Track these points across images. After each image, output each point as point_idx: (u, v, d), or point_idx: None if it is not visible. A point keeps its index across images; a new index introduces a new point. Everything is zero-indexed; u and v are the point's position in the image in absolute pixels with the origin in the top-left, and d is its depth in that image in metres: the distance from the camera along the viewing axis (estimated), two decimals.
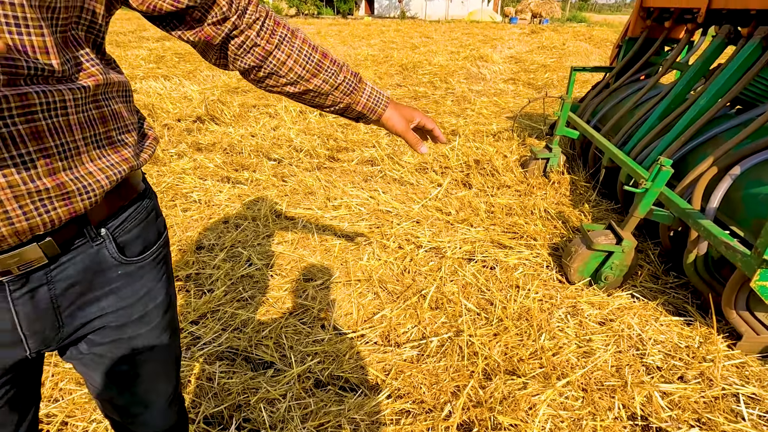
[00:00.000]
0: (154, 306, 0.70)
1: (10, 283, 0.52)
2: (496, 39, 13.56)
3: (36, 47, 0.46)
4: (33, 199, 0.48)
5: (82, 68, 0.53)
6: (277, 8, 26.68)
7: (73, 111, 0.51)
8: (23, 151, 0.47)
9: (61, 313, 0.59)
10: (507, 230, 2.49)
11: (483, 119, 4.84)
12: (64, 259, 0.56)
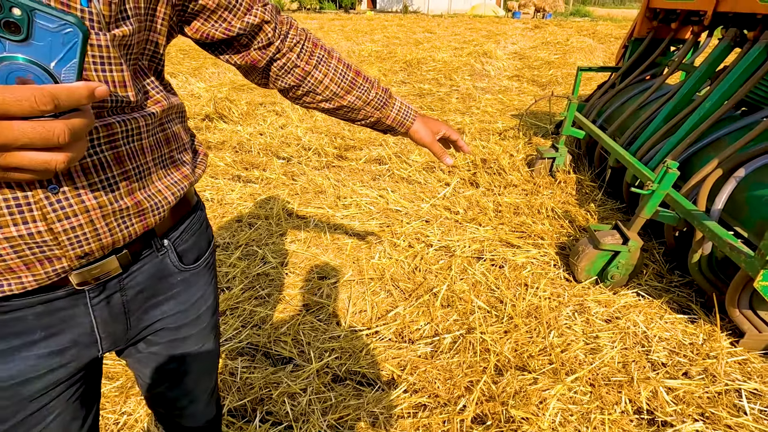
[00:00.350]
0: (206, 308, 0.76)
1: (90, 291, 0.58)
2: (500, 34, 13.53)
3: (117, 82, 0.51)
4: (116, 217, 0.54)
5: (149, 96, 0.59)
6: (280, 2, 26.57)
7: (145, 135, 0.57)
8: (109, 174, 0.52)
9: (130, 316, 0.64)
10: (515, 229, 2.54)
11: (488, 117, 4.88)
12: (134, 269, 0.62)
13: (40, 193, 0.46)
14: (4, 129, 0.34)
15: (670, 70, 2.91)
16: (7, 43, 0.33)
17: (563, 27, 16.33)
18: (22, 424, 0.60)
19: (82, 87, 0.37)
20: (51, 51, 0.35)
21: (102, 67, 0.49)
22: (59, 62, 0.36)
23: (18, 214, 0.45)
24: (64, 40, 0.35)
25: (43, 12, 0.33)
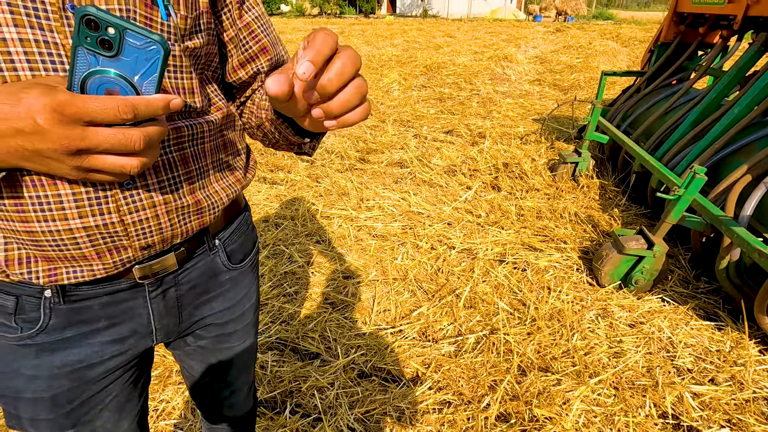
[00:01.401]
0: (250, 305, 0.82)
1: (149, 285, 0.64)
2: (520, 38, 13.45)
3: (186, 89, 0.58)
4: (178, 213, 0.60)
5: (212, 102, 0.65)
6: (301, 8, 27.01)
7: (207, 140, 0.63)
8: (175, 174, 0.59)
9: (182, 311, 0.71)
10: (537, 233, 2.55)
11: (509, 121, 4.88)
12: (188, 266, 0.68)
13: (116, 188, 0.52)
14: (90, 134, 0.40)
15: (697, 75, 2.88)
16: (100, 58, 0.39)
17: (585, 30, 16.13)
18: (85, 403, 0.66)
19: (160, 99, 0.42)
20: (136, 65, 0.40)
21: (174, 74, 0.56)
22: (142, 75, 0.41)
23: (96, 206, 0.52)
24: (148, 56, 0.40)
25: (133, 31, 0.39)
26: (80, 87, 0.40)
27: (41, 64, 0.45)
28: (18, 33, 0.44)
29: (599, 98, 3.32)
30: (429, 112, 5.22)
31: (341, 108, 0.44)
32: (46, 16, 0.45)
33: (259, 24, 0.69)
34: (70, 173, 0.43)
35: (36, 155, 0.40)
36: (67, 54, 0.46)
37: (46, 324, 0.60)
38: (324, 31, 0.41)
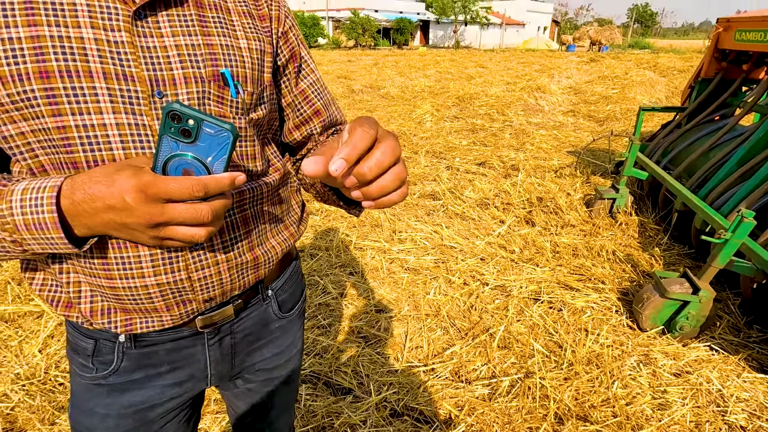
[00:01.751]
0: (296, 351, 0.87)
1: (208, 333, 0.70)
2: (553, 68, 13.46)
3: (249, 155, 0.65)
4: (238, 269, 0.66)
5: (271, 164, 0.72)
6: (337, 41, 28.19)
7: (266, 199, 0.70)
8: (236, 234, 0.65)
9: (235, 357, 0.76)
10: (573, 272, 2.50)
11: (543, 154, 4.86)
12: (243, 315, 0.74)
13: (185, 249, 0.59)
14: (168, 210, 0.46)
15: (743, 111, 2.80)
16: (180, 144, 0.46)
17: (621, 60, 15.96)
18: None
19: (227, 178, 0.48)
20: (209, 149, 0.47)
21: (239, 144, 0.63)
22: (214, 157, 0.48)
23: (168, 265, 0.59)
24: (219, 141, 0.47)
25: (208, 121, 0.45)
26: (162, 168, 0.47)
27: (131, 143, 0.53)
28: (115, 118, 0.52)
29: (637, 133, 3.27)
30: (461, 144, 5.27)
31: (379, 192, 0.45)
32: (138, 103, 0.53)
33: (314, 90, 0.76)
34: (149, 241, 0.49)
35: (123, 227, 0.47)
36: (152, 134, 0.54)
37: (118, 366, 0.66)
38: (364, 127, 0.43)
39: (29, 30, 0.48)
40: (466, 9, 29.99)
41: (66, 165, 0.53)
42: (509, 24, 35.66)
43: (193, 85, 0.56)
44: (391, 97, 8.40)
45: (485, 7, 30.58)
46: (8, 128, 0.51)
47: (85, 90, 0.50)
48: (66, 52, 0.49)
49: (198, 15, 0.57)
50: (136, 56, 0.52)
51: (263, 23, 0.66)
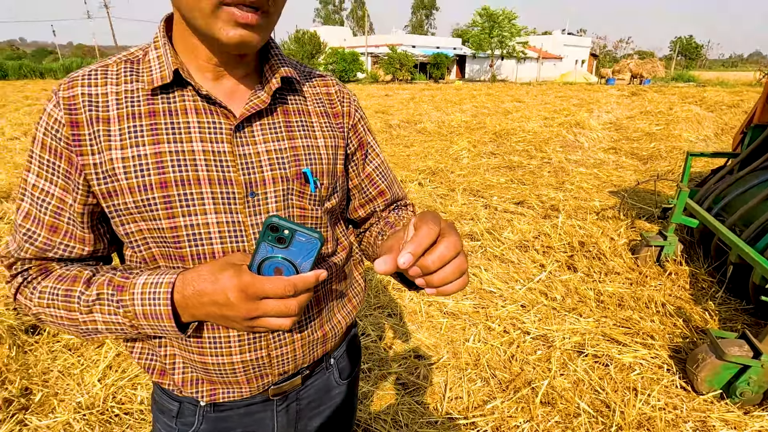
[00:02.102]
0: (351, 414, 0.91)
1: (278, 400, 0.75)
2: (593, 102, 13.32)
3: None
4: (309, 345, 0.73)
5: (339, 242, 0.78)
6: (375, 75, 29.21)
7: (334, 278, 0.76)
8: (310, 314, 0.72)
9: (298, 422, 0.81)
10: (620, 324, 2.41)
11: (584, 194, 4.77)
12: (308, 383, 0.79)
13: (268, 332, 0.66)
14: (262, 306, 0.53)
15: None
16: (275, 248, 0.53)
17: (664, 94, 15.59)
18: None
19: (312, 276, 0.54)
20: (299, 253, 0.54)
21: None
22: (302, 258, 0.54)
23: (252, 344, 0.66)
24: (309, 246, 0.53)
25: (301, 231, 0.52)
26: (258, 267, 0.54)
27: (228, 238, 0.62)
28: (216, 218, 0.61)
29: (685, 180, 3.18)
30: (499, 181, 5.27)
31: (441, 282, 0.49)
32: (234, 202, 0.61)
33: (379, 172, 0.83)
34: (242, 328, 0.56)
35: (223, 318, 0.55)
36: (245, 229, 0.62)
37: (198, 428, 0.72)
38: (429, 224, 0.48)
39: (154, 147, 0.58)
40: (502, 44, 30.46)
41: (174, 257, 0.61)
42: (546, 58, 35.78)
43: (280, 184, 0.64)
44: (428, 132, 8.56)
45: (522, 42, 30.93)
46: (130, 226, 0.61)
47: (194, 195, 0.59)
48: (180, 164, 0.59)
49: (284, 121, 0.66)
50: (234, 163, 0.61)
51: (337, 120, 0.74)
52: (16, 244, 0.63)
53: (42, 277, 0.62)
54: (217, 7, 0.52)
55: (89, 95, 0.58)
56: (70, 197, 0.60)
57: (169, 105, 0.60)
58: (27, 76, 34.32)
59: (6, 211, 4.04)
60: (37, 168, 0.60)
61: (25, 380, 1.97)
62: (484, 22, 30.35)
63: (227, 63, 0.62)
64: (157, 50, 0.61)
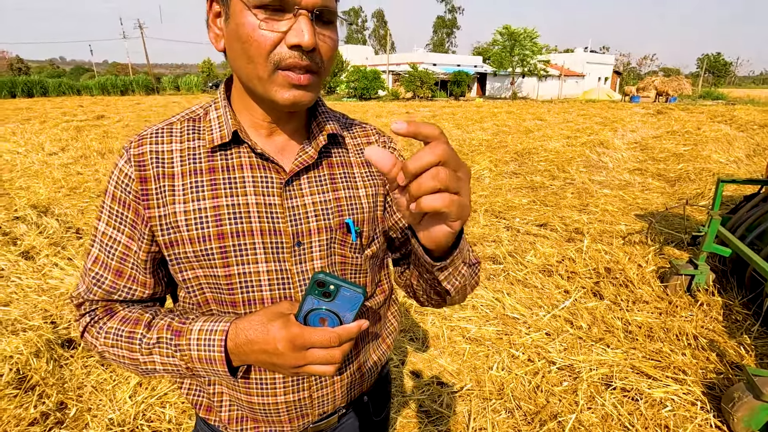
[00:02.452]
0: None
1: None
2: (616, 121, 13.14)
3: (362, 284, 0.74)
4: (348, 386, 0.76)
5: (379, 285, 0.81)
6: (396, 92, 29.60)
7: (372, 321, 0.78)
8: (349, 357, 0.75)
9: None
10: (649, 356, 2.35)
11: (609, 217, 4.69)
12: (343, 421, 0.81)
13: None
14: (308, 356, 0.56)
15: None
16: (321, 301, 0.55)
17: (692, 112, 15.26)
18: None
19: (355, 327, 0.57)
20: (343, 305, 0.56)
21: (356, 277, 0.73)
22: (346, 310, 0.57)
23: (296, 386, 0.69)
24: (352, 299, 0.56)
25: (346, 287, 0.55)
26: (304, 318, 0.57)
27: (276, 285, 0.66)
28: (266, 266, 0.65)
29: (716, 207, 3.10)
30: (521, 203, 5.23)
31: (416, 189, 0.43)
32: (282, 252, 0.66)
33: None
34: (288, 374, 0.60)
35: (271, 365, 0.58)
36: (291, 277, 0.66)
37: None
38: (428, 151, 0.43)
39: (213, 201, 0.63)
40: (524, 62, 30.51)
41: (226, 302, 0.66)
42: (568, 75, 35.60)
43: (324, 234, 0.68)
44: None
45: (543, 60, 30.91)
46: (188, 273, 0.66)
47: (247, 245, 0.64)
48: (236, 217, 0.63)
49: (329, 174, 0.71)
50: (283, 215, 0.66)
51: None
52: (85, 285, 0.68)
53: (107, 318, 0.68)
54: (273, 72, 0.57)
55: (156, 152, 0.64)
56: (134, 245, 0.66)
57: (227, 161, 0.65)
58: (65, 93, 36.12)
59: (46, 225, 4.24)
60: (107, 217, 0.66)
61: (61, 394, 2.04)
62: (505, 41, 30.53)
63: (279, 120, 0.67)
64: (217, 110, 0.67)
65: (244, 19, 0.56)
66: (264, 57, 0.56)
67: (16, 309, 2.75)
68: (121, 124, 12.69)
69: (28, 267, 3.35)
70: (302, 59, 0.57)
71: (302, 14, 0.55)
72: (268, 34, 0.55)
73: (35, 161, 7.24)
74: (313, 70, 0.59)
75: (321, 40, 0.59)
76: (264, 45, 0.56)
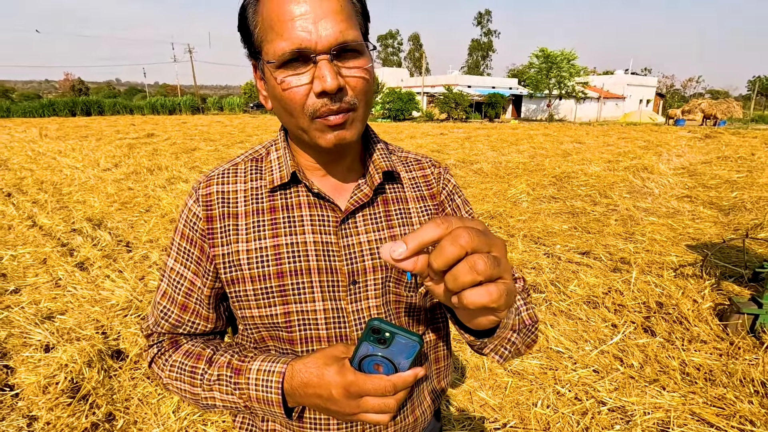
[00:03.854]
0: None
1: None
2: (661, 145, 12.66)
3: (417, 323, 0.73)
4: (402, 429, 0.74)
5: (434, 324, 0.80)
6: (430, 114, 29.84)
7: (425, 361, 0.77)
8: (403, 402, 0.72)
9: None
10: (711, 403, 2.17)
11: (658, 246, 4.46)
12: None
13: None
14: (362, 404, 0.54)
15: None
16: (376, 347, 0.54)
17: (744, 137, 14.49)
18: None
19: (411, 375, 0.55)
20: (398, 352, 0.54)
21: (411, 316, 0.73)
22: (401, 357, 0.55)
23: (350, 427, 0.69)
24: (408, 347, 0.54)
25: (402, 335, 0.53)
26: (359, 363, 0.55)
27: (332, 324, 0.66)
28: (323, 305, 0.66)
29: None
30: (561, 228, 5.08)
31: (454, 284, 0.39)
32: (338, 290, 0.66)
33: None
34: (342, 419, 0.60)
35: (325, 409, 0.58)
36: (346, 316, 0.66)
37: None
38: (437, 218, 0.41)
39: (273, 240, 0.65)
40: (561, 84, 30.09)
41: (283, 339, 0.67)
42: (607, 97, 34.80)
43: (379, 273, 0.68)
44: (484, 173, 8.51)
45: (582, 82, 30.38)
46: (247, 311, 0.68)
47: (305, 284, 0.65)
48: (295, 256, 0.65)
49: (384, 211, 0.71)
50: (339, 253, 0.67)
51: (434, 201, 0.77)
52: (153, 318, 0.72)
53: (173, 350, 0.71)
54: (312, 121, 0.59)
55: (223, 192, 0.68)
56: (199, 281, 0.69)
57: (286, 200, 0.68)
58: (119, 112, 38.75)
59: (99, 237, 4.49)
60: (175, 253, 0.70)
61: (110, 405, 2.11)
62: (541, 63, 30.30)
63: (331, 161, 0.69)
64: (277, 151, 0.70)
65: (274, 82, 0.59)
66: (300, 110, 0.59)
67: (71, 318, 2.90)
68: (168, 142, 13.42)
69: (83, 278, 3.54)
70: (332, 103, 0.58)
71: (321, 60, 0.56)
72: (295, 89, 0.58)
73: (91, 176, 7.74)
74: (347, 109, 0.59)
75: (348, 74, 0.59)
76: (296, 100, 0.58)
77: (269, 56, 0.58)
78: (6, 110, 35.38)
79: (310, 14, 0.55)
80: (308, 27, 0.55)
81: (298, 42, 0.55)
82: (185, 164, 9.12)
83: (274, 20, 0.56)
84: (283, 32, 0.55)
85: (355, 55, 0.59)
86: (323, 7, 0.56)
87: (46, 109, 35.82)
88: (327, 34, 0.55)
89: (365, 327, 0.54)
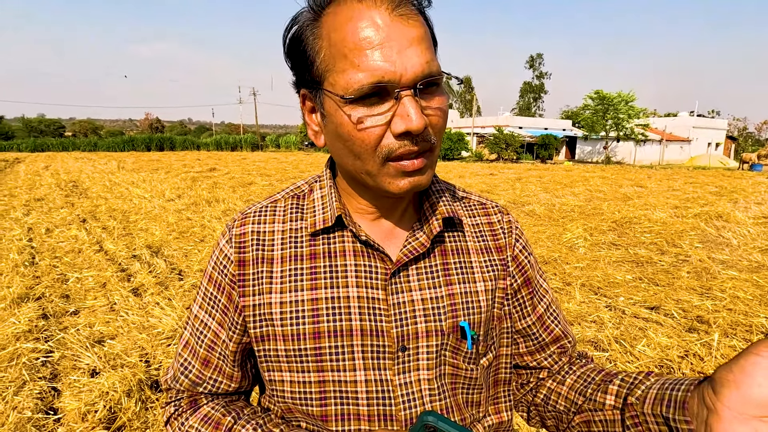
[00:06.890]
0: None
1: None
2: (735, 191, 11.62)
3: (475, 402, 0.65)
4: None
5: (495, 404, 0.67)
6: (479, 154, 29.77)
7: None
8: None
9: None
10: None
11: (741, 305, 3.93)
12: None
13: None
14: None
15: None
16: None
17: None
18: None
19: None
20: None
21: (468, 391, 0.61)
22: None
23: None
24: None
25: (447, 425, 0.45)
26: None
27: (375, 399, 0.55)
28: (365, 375, 0.55)
29: None
30: (625, 279, 4.65)
31: None
32: (384, 357, 0.55)
33: (550, 313, 0.70)
34: None
35: None
36: (392, 389, 0.56)
37: None
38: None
39: (311, 293, 0.56)
40: (618, 126, 29.03)
41: (315, 415, 0.56)
42: (670, 140, 33.04)
43: (434, 339, 0.57)
44: (537, 215, 8.17)
45: (642, 124, 29.14)
46: (274, 374, 0.58)
47: (345, 348, 0.55)
48: (335, 313, 0.55)
49: (442, 264, 0.61)
50: (388, 312, 0.56)
51: (501, 255, 0.66)
52: (173, 371, 0.65)
53: (190, 412, 0.63)
54: (383, 165, 0.50)
55: (258, 233, 0.60)
56: (223, 333, 0.61)
57: (329, 246, 0.59)
58: (188, 148, 42.37)
59: (155, 265, 4.70)
60: (201, 299, 0.63)
61: None
62: (596, 105, 29.54)
63: (391, 205, 0.60)
64: (322, 189, 0.62)
65: (342, 119, 0.49)
66: (371, 153, 0.50)
67: (119, 343, 2.97)
68: (228, 176, 14.29)
69: (136, 303, 3.67)
70: (413, 145, 0.49)
71: (405, 96, 0.47)
72: (371, 129, 0.48)
73: (156, 206, 8.31)
74: (426, 150, 0.51)
75: (430, 113, 0.50)
76: (369, 142, 0.49)
77: (339, 89, 0.48)
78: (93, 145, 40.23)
79: (394, 42, 0.47)
80: (392, 57, 0.46)
81: (381, 74, 0.46)
82: (241, 197, 9.58)
83: (349, 47, 0.47)
84: (361, 62, 0.47)
85: (437, 90, 0.51)
86: (406, 34, 0.47)
87: (127, 144, 40.14)
88: (413, 65, 0.47)
89: (417, 421, 0.47)
